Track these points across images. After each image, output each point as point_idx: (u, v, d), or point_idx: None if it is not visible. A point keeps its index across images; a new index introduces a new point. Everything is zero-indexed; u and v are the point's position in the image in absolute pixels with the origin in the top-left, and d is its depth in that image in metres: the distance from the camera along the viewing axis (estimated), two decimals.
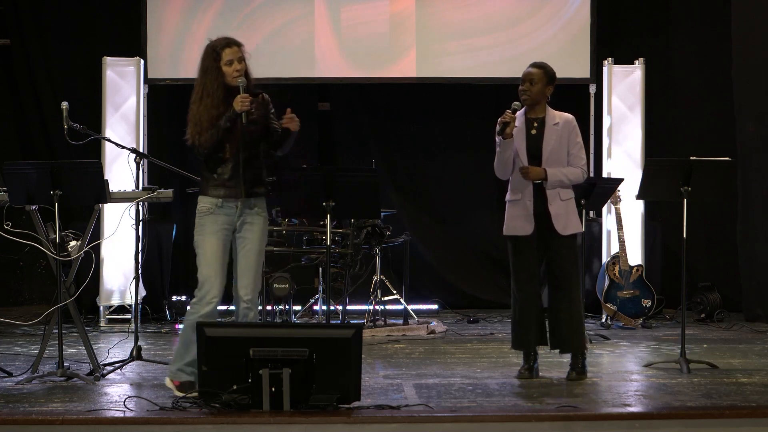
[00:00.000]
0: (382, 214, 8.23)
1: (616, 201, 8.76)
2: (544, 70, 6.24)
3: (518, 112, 6.23)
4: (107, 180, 6.25)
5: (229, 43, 5.77)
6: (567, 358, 6.32)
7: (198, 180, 6.97)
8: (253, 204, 5.78)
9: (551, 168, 6.14)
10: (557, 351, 6.33)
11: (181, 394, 5.55)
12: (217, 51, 5.74)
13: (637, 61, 9.43)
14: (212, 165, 5.74)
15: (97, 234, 7.87)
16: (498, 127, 6.12)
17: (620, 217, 8.83)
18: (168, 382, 5.76)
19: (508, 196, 6.29)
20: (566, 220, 6.18)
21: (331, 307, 8.26)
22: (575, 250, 6.29)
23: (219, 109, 5.66)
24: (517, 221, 6.21)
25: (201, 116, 5.66)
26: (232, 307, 8.93)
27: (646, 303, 8.87)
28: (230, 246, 5.77)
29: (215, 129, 5.63)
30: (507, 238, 6.27)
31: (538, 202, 6.18)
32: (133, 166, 6.70)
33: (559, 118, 6.24)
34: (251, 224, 5.78)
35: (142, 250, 6.88)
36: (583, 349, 6.25)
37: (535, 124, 6.21)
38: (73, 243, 6.51)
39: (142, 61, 9.23)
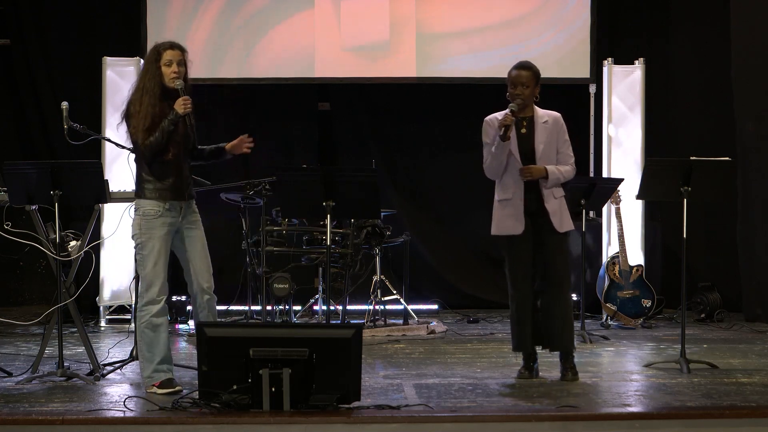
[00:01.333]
0: (382, 214, 8.23)
1: (616, 201, 8.77)
2: (532, 71, 6.26)
3: (504, 113, 6.22)
4: (107, 180, 6.25)
5: (173, 45, 5.87)
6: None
7: (198, 180, 7.01)
8: (190, 204, 5.99)
9: (549, 166, 6.16)
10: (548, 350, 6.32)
11: (163, 391, 5.66)
12: (159, 51, 5.84)
13: (637, 61, 9.43)
14: (156, 168, 5.84)
15: (97, 234, 7.87)
16: (500, 131, 6.09)
17: (620, 217, 8.83)
18: (148, 389, 5.78)
19: (497, 196, 6.28)
20: (561, 217, 6.19)
21: (331, 307, 8.26)
22: (567, 247, 6.32)
23: (155, 109, 5.76)
24: (509, 221, 6.20)
25: (144, 115, 5.76)
26: (234, 307, 9.09)
27: (646, 303, 8.87)
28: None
29: (160, 132, 5.74)
30: (500, 237, 6.27)
31: (531, 200, 6.18)
32: (133, 166, 6.69)
33: (547, 117, 6.25)
34: (193, 222, 5.98)
35: None
36: (572, 348, 6.25)
37: (525, 123, 6.22)
38: (73, 243, 6.51)
39: (142, 61, 9.22)
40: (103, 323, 8.91)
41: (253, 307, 8.63)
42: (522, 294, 6.23)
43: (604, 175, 9.38)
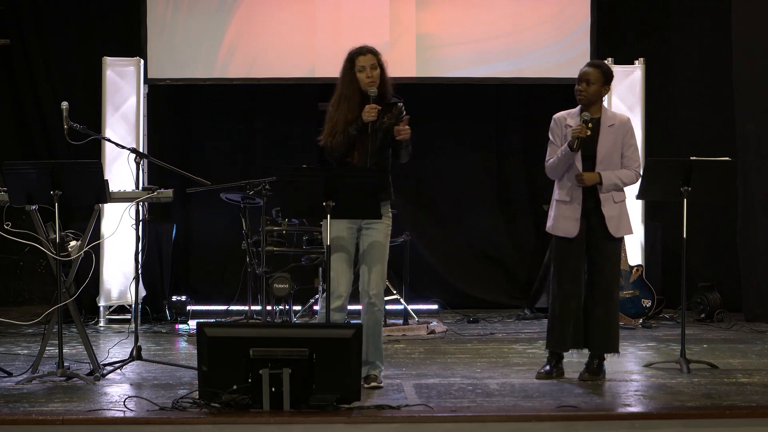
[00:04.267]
0: None
1: None
2: (601, 69, 6.20)
3: (573, 112, 6.18)
4: (107, 180, 6.24)
5: (362, 50, 6.05)
6: (580, 359, 6.33)
7: (198, 180, 7.02)
8: None
9: (605, 171, 6.11)
10: (581, 352, 6.32)
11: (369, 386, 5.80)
12: (352, 58, 6.02)
13: (637, 61, 9.43)
14: None
15: (97, 234, 7.87)
16: (573, 141, 6.02)
17: None
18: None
19: (556, 195, 6.25)
20: (619, 222, 6.17)
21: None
22: (619, 252, 6.31)
23: (354, 114, 5.94)
24: (565, 222, 6.17)
25: (336, 120, 5.96)
26: (234, 307, 9.10)
27: (646, 303, 8.87)
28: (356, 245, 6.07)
29: (344, 134, 5.92)
30: (554, 237, 6.25)
31: (589, 202, 6.15)
32: (133, 166, 6.70)
33: (615, 120, 6.20)
34: (372, 225, 6.04)
35: (142, 250, 6.87)
36: (616, 351, 6.26)
37: (590, 125, 6.14)
38: (73, 243, 6.51)
39: (142, 61, 9.23)
40: (103, 323, 8.91)
41: (253, 307, 8.63)
42: (566, 294, 6.21)
43: None
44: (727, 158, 6.88)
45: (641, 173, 6.32)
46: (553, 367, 6.25)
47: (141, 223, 6.88)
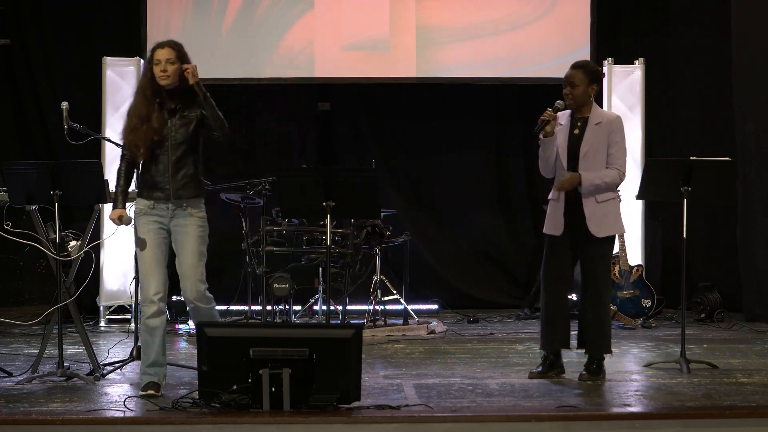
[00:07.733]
0: (382, 214, 8.23)
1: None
2: (584, 70, 6.18)
3: (566, 112, 6.18)
4: (107, 180, 6.24)
5: (161, 44, 5.73)
6: (580, 359, 6.33)
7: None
8: (180, 204, 5.76)
9: (587, 172, 6.07)
10: (581, 351, 6.32)
11: (143, 393, 5.60)
12: (151, 51, 5.73)
13: (637, 61, 9.43)
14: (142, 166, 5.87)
15: (97, 234, 7.86)
16: (537, 125, 6.05)
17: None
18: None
19: (549, 195, 6.27)
20: (600, 221, 6.12)
21: (331, 307, 8.25)
22: (608, 253, 6.25)
23: (145, 109, 5.67)
24: (552, 221, 6.19)
25: (131, 114, 5.76)
26: (234, 307, 9.09)
27: (646, 303, 8.87)
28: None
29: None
30: (545, 236, 6.26)
31: (573, 201, 6.14)
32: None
33: (602, 118, 6.19)
34: (180, 226, 5.77)
35: None
36: (609, 352, 6.25)
37: (579, 124, 6.15)
38: (73, 243, 6.51)
39: (142, 61, 9.22)
40: (103, 323, 8.91)
41: (253, 307, 8.63)
42: (551, 296, 6.21)
43: None
44: (727, 158, 6.87)
45: (625, 173, 6.23)
46: (547, 367, 6.26)
47: None
